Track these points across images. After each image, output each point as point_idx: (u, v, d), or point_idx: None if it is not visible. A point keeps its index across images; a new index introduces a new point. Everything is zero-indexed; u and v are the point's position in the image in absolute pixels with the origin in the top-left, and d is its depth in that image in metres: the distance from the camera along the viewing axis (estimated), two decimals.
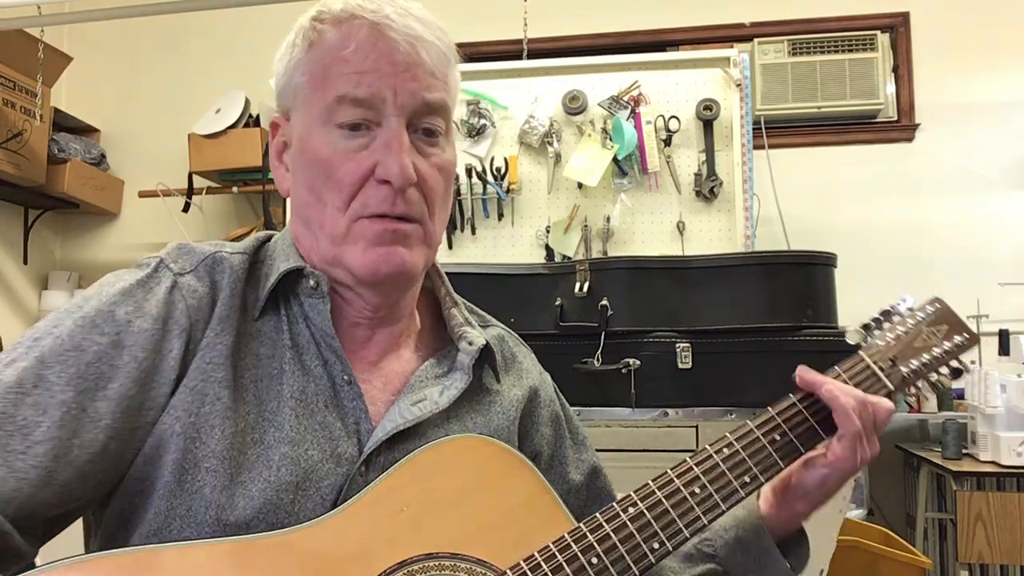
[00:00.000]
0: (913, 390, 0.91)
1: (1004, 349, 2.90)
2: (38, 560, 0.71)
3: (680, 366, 1.90)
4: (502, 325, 0.96)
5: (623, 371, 1.91)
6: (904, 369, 0.89)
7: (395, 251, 0.77)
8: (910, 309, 0.94)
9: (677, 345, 1.91)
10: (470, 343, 0.85)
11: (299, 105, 0.80)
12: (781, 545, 0.87)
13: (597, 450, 0.98)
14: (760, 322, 1.90)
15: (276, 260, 0.82)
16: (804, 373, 0.86)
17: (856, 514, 2.40)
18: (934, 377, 0.91)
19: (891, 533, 2.43)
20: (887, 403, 0.85)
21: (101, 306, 0.73)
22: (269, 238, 0.86)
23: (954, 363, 0.91)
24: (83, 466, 0.69)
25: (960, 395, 3.05)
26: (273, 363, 0.78)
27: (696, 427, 1.92)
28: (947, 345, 0.91)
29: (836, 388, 0.83)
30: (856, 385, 0.87)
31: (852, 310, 1.86)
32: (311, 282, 0.79)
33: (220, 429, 0.72)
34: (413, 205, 0.78)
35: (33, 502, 0.67)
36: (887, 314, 0.94)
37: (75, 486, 0.69)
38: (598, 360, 1.91)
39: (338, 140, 0.77)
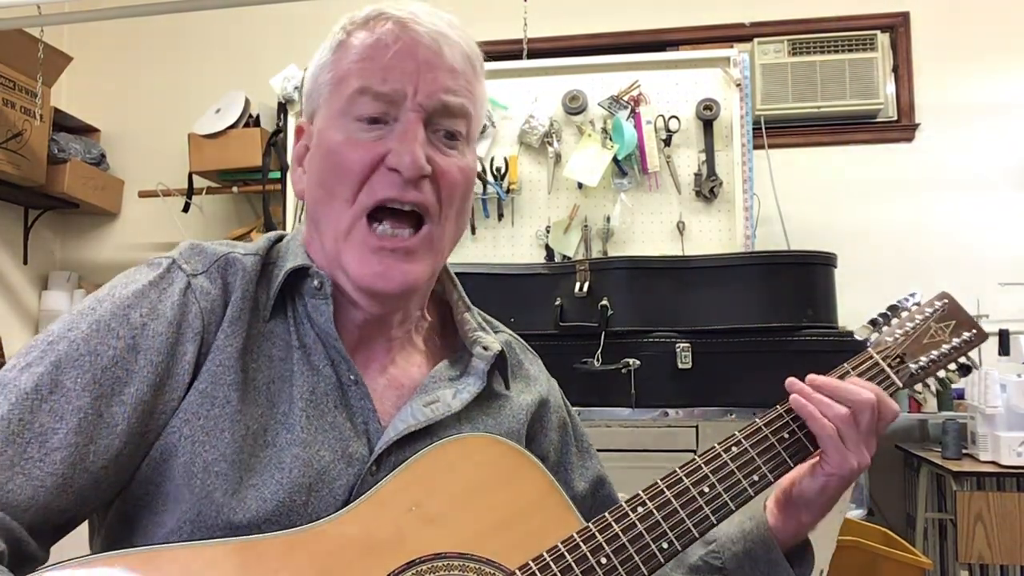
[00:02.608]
0: (921, 387, 0.90)
1: (1004, 349, 2.90)
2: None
3: (680, 366, 1.90)
4: (509, 331, 0.96)
5: (623, 371, 1.91)
6: (913, 366, 0.89)
7: (395, 267, 0.76)
8: (917, 304, 0.93)
9: (677, 345, 1.91)
10: (485, 348, 0.85)
11: (321, 104, 0.80)
12: (788, 556, 0.86)
13: (597, 450, 0.98)
14: (760, 322, 1.90)
15: (285, 260, 0.81)
16: (790, 384, 0.84)
17: (856, 514, 2.39)
18: (943, 374, 0.90)
19: (891, 533, 2.43)
20: (892, 406, 0.83)
21: (115, 308, 0.72)
22: (281, 238, 0.85)
23: (962, 359, 0.91)
24: (98, 472, 0.68)
25: (960, 395, 3.05)
26: (285, 365, 0.77)
27: (696, 427, 1.91)
28: (955, 341, 0.90)
29: (803, 398, 0.82)
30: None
31: (852, 310, 1.86)
32: (315, 282, 0.79)
33: (230, 432, 0.72)
34: (426, 195, 0.76)
35: (48, 509, 0.66)
36: (895, 309, 0.93)
37: (89, 492, 0.69)
38: (598, 360, 1.91)
39: (354, 131, 0.77)
